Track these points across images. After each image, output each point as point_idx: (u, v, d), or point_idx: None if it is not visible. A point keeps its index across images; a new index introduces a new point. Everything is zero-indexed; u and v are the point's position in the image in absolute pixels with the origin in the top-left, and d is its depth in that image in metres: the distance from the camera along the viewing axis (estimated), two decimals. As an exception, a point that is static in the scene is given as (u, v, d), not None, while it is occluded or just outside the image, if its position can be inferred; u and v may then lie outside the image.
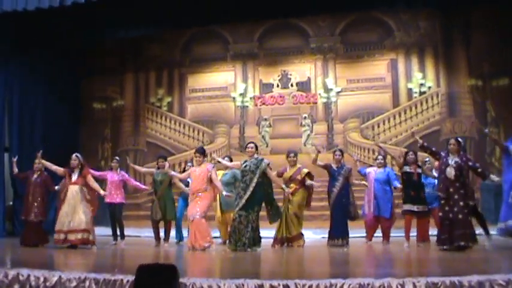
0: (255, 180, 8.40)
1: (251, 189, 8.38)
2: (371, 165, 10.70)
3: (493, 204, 10.90)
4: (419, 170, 9.11)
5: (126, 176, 10.47)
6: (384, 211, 9.52)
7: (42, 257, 8.10)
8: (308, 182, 9.21)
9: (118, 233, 10.15)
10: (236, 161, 9.83)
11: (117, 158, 10.76)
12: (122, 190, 10.27)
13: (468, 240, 7.66)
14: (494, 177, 8.20)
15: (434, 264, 7.01)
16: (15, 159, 10.16)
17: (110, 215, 10.18)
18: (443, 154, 8.09)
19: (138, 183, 10.85)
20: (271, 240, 9.24)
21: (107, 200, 10.05)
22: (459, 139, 8.32)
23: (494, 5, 11.39)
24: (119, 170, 10.35)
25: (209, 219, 9.11)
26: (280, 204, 9.02)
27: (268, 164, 8.57)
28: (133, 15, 11.28)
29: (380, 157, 9.97)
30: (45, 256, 8.25)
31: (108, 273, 5.17)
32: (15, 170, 10.06)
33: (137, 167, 11.09)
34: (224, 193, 8.68)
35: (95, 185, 9.21)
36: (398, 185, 9.41)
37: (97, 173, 10.19)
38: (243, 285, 4.66)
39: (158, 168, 10.02)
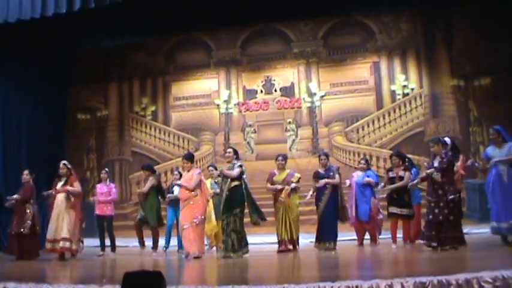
0: (228, 184, 8.50)
1: (226, 192, 8.49)
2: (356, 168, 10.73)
3: (478, 203, 11.00)
4: (401, 174, 9.12)
5: (114, 190, 10.33)
6: (362, 214, 9.55)
7: (30, 269, 8.02)
8: (293, 185, 9.21)
9: (108, 244, 10.07)
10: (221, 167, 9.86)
11: (106, 169, 10.72)
12: (111, 202, 10.22)
13: (458, 243, 7.70)
14: (431, 171, 8.08)
15: (422, 264, 7.05)
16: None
17: (98, 226, 10.12)
18: (427, 164, 8.16)
19: (114, 198, 10.34)
20: (266, 246, 9.29)
21: (97, 212, 10.04)
22: (443, 139, 8.36)
23: (475, 4, 11.45)
24: (108, 181, 10.32)
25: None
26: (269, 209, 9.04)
27: (241, 166, 8.56)
28: (117, 24, 11.23)
29: (363, 161, 10.01)
30: (32, 269, 8.16)
31: (96, 284, 5.14)
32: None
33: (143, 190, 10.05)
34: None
35: (78, 190, 9.23)
36: (367, 179, 9.54)
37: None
38: (231, 291, 4.65)
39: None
